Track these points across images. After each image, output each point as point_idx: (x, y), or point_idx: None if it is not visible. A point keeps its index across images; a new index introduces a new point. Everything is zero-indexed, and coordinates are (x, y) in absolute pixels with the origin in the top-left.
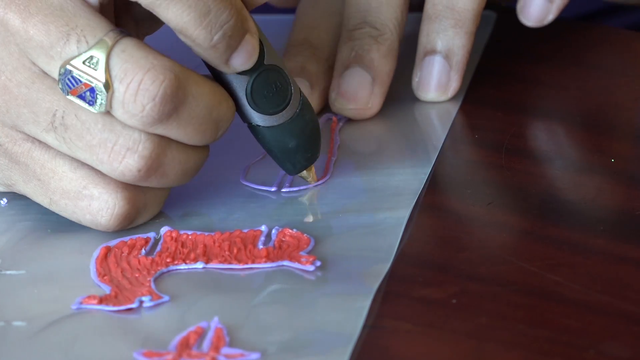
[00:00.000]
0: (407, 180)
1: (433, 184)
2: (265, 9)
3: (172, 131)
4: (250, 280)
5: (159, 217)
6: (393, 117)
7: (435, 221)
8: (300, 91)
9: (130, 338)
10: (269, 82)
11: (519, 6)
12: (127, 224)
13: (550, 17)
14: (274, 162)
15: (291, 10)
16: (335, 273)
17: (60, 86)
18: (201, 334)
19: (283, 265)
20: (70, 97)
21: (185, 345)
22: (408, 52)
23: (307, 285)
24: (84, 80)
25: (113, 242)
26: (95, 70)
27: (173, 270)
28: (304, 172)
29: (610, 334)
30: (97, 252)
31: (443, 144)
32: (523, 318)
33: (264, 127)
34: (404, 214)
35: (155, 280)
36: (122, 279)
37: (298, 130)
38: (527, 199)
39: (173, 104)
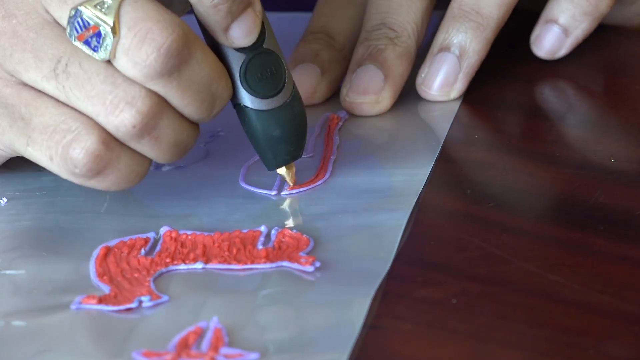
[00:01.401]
0: (407, 181)
1: (433, 184)
2: (282, 6)
3: (171, 92)
4: (250, 280)
5: (158, 216)
6: (393, 117)
7: (435, 221)
8: (294, 83)
9: (129, 338)
10: (264, 65)
11: (533, 35)
12: (97, 169)
13: (563, 51)
14: None
15: (307, 8)
16: (335, 274)
17: (68, 30)
18: (200, 334)
19: (282, 266)
20: (76, 43)
21: (184, 345)
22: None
23: (307, 285)
24: (92, 23)
25: (113, 242)
26: (106, 14)
27: (172, 270)
28: (284, 169)
29: (610, 334)
30: (96, 252)
31: (443, 143)
32: (523, 318)
33: (251, 109)
34: (404, 215)
35: (155, 280)
36: (121, 279)
37: (285, 119)
38: (527, 199)
39: (177, 60)
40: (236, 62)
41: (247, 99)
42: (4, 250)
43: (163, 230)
